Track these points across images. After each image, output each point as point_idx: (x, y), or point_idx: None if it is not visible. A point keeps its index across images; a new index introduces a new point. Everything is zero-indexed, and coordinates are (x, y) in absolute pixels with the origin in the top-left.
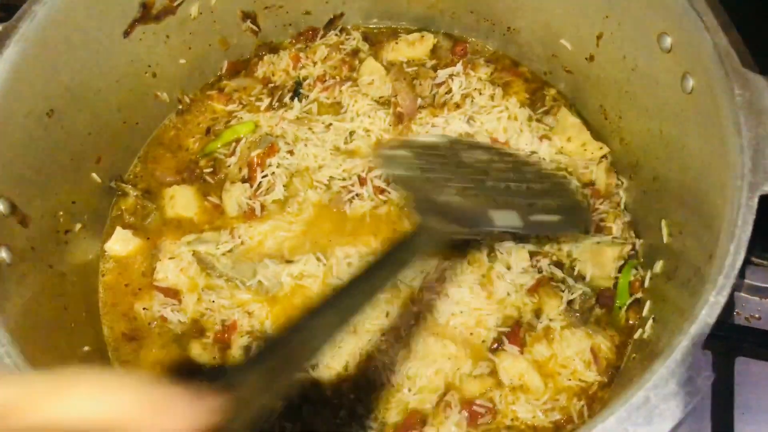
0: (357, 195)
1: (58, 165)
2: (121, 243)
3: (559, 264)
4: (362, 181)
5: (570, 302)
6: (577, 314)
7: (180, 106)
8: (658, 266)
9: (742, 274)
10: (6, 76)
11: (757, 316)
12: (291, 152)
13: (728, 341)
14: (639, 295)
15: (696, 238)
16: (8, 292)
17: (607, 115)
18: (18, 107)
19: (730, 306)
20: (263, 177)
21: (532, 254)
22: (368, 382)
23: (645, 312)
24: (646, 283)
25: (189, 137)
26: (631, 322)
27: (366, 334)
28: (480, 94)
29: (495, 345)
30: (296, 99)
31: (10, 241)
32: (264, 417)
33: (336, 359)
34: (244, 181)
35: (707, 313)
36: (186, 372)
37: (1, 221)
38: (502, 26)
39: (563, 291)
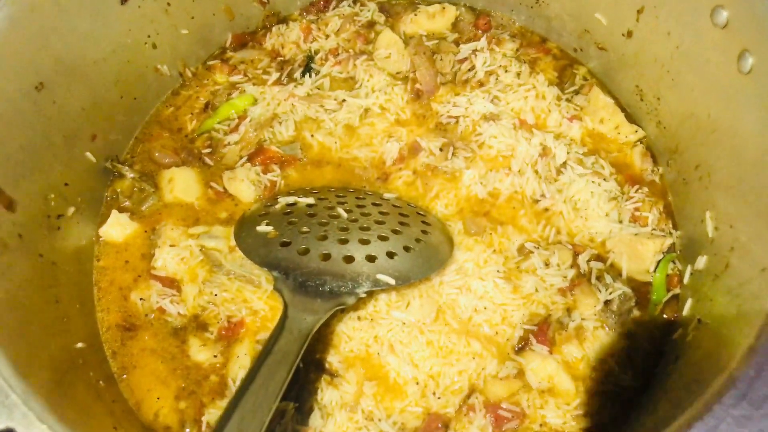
0: None
1: (50, 143)
2: (117, 228)
3: (599, 257)
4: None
5: (607, 302)
6: (615, 315)
7: (181, 81)
8: (702, 262)
9: None
10: None
11: None
12: None
13: None
14: (677, 290)
15: (755, 234)
16: None
17: (643, 96)
18: (4, 80)
19: None
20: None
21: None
22: (388, 378)
23: (686, 311)
24: (686, 279)
25: (186, 114)
26: (667, 317)
27: (384, 322)
28: (505, 71)
29: (521, 344)
30: (307, 75)
31: None
32: None
33: (350, 345)
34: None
35: None
36: None
37: None
38: None
39: (600, 290)
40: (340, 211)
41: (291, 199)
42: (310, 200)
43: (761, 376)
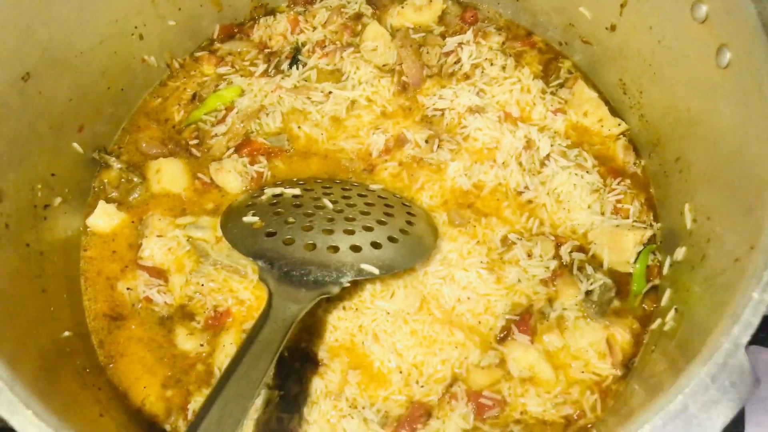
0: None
1: (36, 134)
2: (104, 218)
3: (581, 249)
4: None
5: (588, 293)
6: (595, 306)
7: (169, 72)
8: (680, 253)
9: None
10: None
11: None
12: None
13: None
14: (657, 281)
15: (729, 226)
16: None
17: (626, 90)
18: None
19: None
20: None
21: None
22: (372, 367)
23: (664, 301)
24: (665, 270)
25: (174, 105)
26: (646, 308)
27: (369, 312)
28: (491, 64)
29: (503, 333)
30: (294, 66)
31: None
32: None
33: (335, 335)
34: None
35: (751, 312)
36: None
37: None
38: None
39: (582, 281)
40: (326, 201)
41: (277, 190)
42: (297, 191)
43: (728, 364)
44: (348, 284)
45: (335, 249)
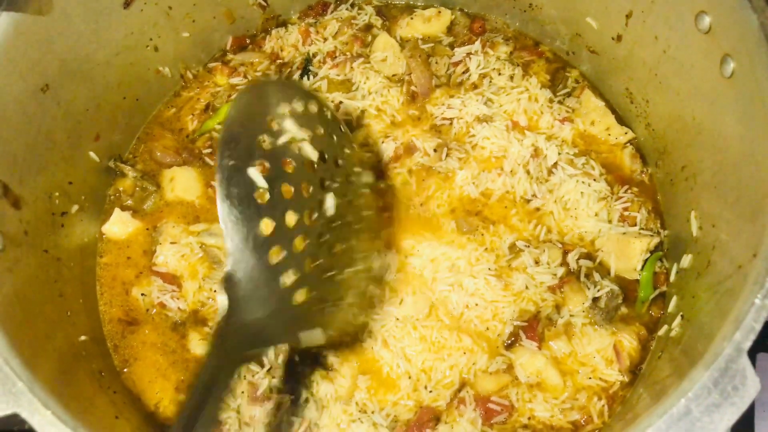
0: None
1: (54, 143)
2: (119, 225)
3: (588, 256)
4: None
5: (595, 299)
6: (602, 312)
7: (182, 82)
8: (686, 260)
9: None
10: None
11: None
12: None
13: None
14: (663, 288)
15: (734, 233)
16: None
17: (633, 99)
18: (10, 82)
19: None
20: None
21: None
22: (381, 372)
23: (671, 308)
24: (672, 277)
25: (188, 115)
26: (653, 314)
27: (378, 317)
28: (499, 74)
29: (511, 339)
30: (305, 77)
31: (2, 225)
32: None
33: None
34: None
35: (753, 318)
36: None
37: None
38: (523, 2)
39: (589, 288)
40: None
41: None
42: None
43: (730, 368)
44: None
45: None
